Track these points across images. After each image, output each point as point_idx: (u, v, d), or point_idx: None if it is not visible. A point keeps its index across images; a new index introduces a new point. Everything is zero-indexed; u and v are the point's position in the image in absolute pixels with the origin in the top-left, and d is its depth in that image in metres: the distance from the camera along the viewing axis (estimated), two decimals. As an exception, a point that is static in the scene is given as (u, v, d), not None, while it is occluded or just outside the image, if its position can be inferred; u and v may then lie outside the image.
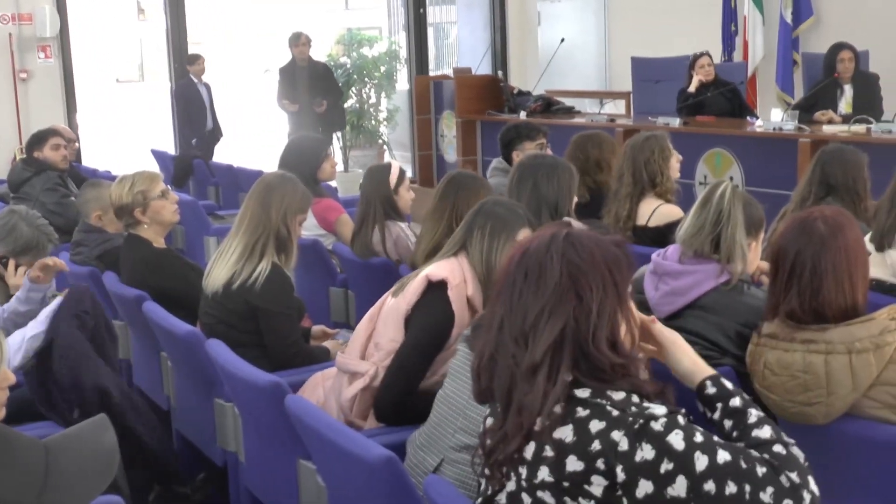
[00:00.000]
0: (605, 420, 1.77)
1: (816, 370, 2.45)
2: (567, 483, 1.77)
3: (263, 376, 2.82)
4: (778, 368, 2.53)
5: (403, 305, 2.97)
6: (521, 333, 1.85)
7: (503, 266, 1.95)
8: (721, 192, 3.08)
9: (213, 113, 9.95)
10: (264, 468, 3.12)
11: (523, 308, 1.85)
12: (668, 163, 4.61)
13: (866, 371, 2.41)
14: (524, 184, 3.80)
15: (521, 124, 5.70)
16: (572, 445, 1.77)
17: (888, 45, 8.54)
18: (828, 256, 2.49)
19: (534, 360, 1.82)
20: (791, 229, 2.58)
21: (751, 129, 7.49)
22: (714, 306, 3.02)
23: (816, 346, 2.47)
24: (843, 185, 4.22)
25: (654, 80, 9.39)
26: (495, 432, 1.87)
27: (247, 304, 3.47)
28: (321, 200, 5.04)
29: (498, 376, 1.87)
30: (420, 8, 11.73)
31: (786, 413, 2.54)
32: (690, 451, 1.73)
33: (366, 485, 2.29)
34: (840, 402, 2.44)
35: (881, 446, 2.44)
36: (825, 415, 2.46)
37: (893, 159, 6.00)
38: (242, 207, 3.64)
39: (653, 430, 1.74)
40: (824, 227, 2.52)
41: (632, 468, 1.73)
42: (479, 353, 1.93)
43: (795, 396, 2.49)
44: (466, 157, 9.98)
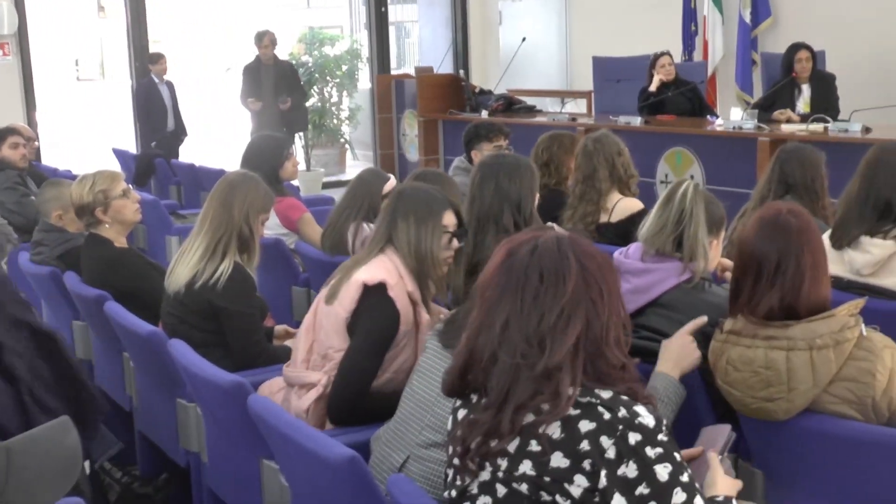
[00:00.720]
0: (595, 422, 1.79)
1: (778, 366, 2.47)
2: (548, 478, 1.79)
3: (226, 376, 2.81)
4: (740, 365, 2.55)
5: (342, 313, 2.98)
6: (536, 335, 1.85)
7: (494, 265, 1.94)
8: (683, 191, 3.11)
9: (175, 113, 9.87)
10: (227, 468, 3.11)
11: (540, 310, 1.86)
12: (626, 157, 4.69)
13: (826, 367, 2.43)
14: (487, 184, 3.81)
15: (482, 124, 5.72)
16: (560, 442, 1.79)
17: (844, 46, 8.66)
18: (808, 252, 2.52)
19: (555, 361, 1.83)
20: (763, 228, 2.57)
21: (711, 128, 7.56)
22: (676, 304, 3.04)
23: (778, 343, 2.49)
24: (801, 183, 4.27)
25: (615, 79, 9.45)
26: (478, 426, 1.87)
27: (209, 303, 3.46)
28: (283, 199, 5.03)
29: (497, 375, 1.87)
30: (381, 7, 11.72)
31: (747, 409, 2.57)
32: (671, 486, 1.78)
33: (329, 484, 2.29)
34: (800, 398, 2.46)
35: (838, 441, 2.47)
36: (785, 410, 2.49)
37: (850, 158, 6.08)
38: (204, 207, 3.63)
39: (643, 454, 1.78)
40: (797, 222, 2.54)
41: (613, 479, 1.76)
42: (471, 350, 1.92)
43: (757, 392, 2.51)
44: (428, 156, 9.99)
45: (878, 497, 2.46)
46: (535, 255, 1.89)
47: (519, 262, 1.90)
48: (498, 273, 1.92)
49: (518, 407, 1.83)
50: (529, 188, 3.77)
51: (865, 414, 2.45)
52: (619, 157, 4.67)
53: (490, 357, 1.88)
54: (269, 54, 9.82)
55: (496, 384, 1.86)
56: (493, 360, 1.87)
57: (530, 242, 1.92)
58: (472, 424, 1.89)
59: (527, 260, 1.89)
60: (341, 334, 2.99)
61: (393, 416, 2.68)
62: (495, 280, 1.92)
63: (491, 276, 1.93)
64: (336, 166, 12.73)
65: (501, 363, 1.86)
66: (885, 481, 2.43)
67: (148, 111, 9.78)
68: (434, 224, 3.03)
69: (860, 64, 8.72)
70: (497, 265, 1.93)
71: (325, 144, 12.33)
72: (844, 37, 8.81)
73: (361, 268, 3.01)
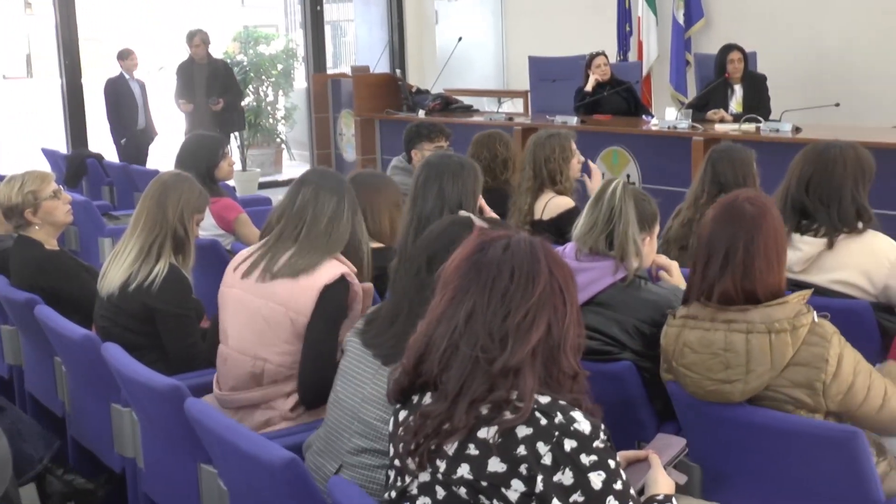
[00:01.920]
0: (532, 427, 1.79)
1: (737, 348, 2.52)
2: (485, 483, 1.79)
3: (162, 380, 2.77)
4: (699, 347, 2.59)
5: (300, 318, 2.99)
6: (499, 331, 1.85)
7: (462, 257, 1.93)
8: (612, 190, 3.13)
9: (146, 111, 9.70)
10: (164, 474, 3.07)
11: (507, 307, 1.85)
12: (568, 163, 4.69)
13: (784, 350, 2.48)
14: (430, 185, 3.82)
15: (423, 124, 5.72)
16: (497, 447, 1.79)
17: (775, 47, 8.82)
18: (760, 237, 2.55)
19: (514, 361, 1.83)
20: (719, 215, 2.62)
21: (646, 127, 7.65)
22: (612, 303, 3.07)
23: (738, 326, 2.53)
24: (733, 182, 4.34)
25: (551, 79, 9.51)
26: (432, 417, 1.85)
27: (144, 305, 3.41)
28: (219, 200, 4.98)
29: (455, 366, 1.86)
30: (317, 5, 11.66)
31: (702, 390, 2.60)
32: (605, 494, 1.79)
33: (268, 487, 2.27)
34: (757, 381, 2.51)
35: (773, 433, 2.51)
36: (742, 392, 2.53)
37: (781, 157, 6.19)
38: (138, 207, 3.58)
39: (578, 461, 1.78)
40: (752, 208, 2.58)
41: (549, 485, 1.77)
42: (429, 338, 1.90)
43: (715, 374, 2.55)
44: (365, 155, 9.97)
45: (811, 489, 2.51)
46: (507, 252, 1.89)
47: (490, 256, 1.89)
48: (466, 265, 1.91)
49: (473, 401, 1.82)
50: (472, 190, 3.79)
51: (815, 399, 2.50)
52: (561, 159, 4.69)
53: (449, 347, 1.86)
54: (200, 53, 9.68)
55: (453, 375, 1.85)
56: (453, 350, 1.86)
57: (503, 239, 1.92)
58: (424, 415, 1.87)
59: (499, 256, 1.89)
60: (293, 337, 3.02)
61: (323, 423, 2.66)
62: (463, 271, 1.90)
63: (458, 266, 1.92)
64: (272, 166, 12.64)
65: (461, 354, 1.85)
66: (817, 473, 2.48)
67: (118, 109, 9.57)
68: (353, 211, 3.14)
69: (790, 65, 8.88)
70: (465, 257, 1.92)
71: (260, 144, 12.24)
72: (775, 38, 8.98)
73: (313, 273, 3.01)
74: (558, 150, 4.64)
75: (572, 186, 4.74)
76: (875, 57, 8.52)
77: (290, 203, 3.14)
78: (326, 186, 3.13)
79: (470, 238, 1.96)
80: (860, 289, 3.47)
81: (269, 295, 3.04)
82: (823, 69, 8.88)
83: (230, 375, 3.14)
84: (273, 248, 3.10)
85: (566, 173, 4.66)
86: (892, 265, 3.42)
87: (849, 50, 8.71)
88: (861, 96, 8.38)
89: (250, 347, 3.08)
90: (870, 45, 8.58)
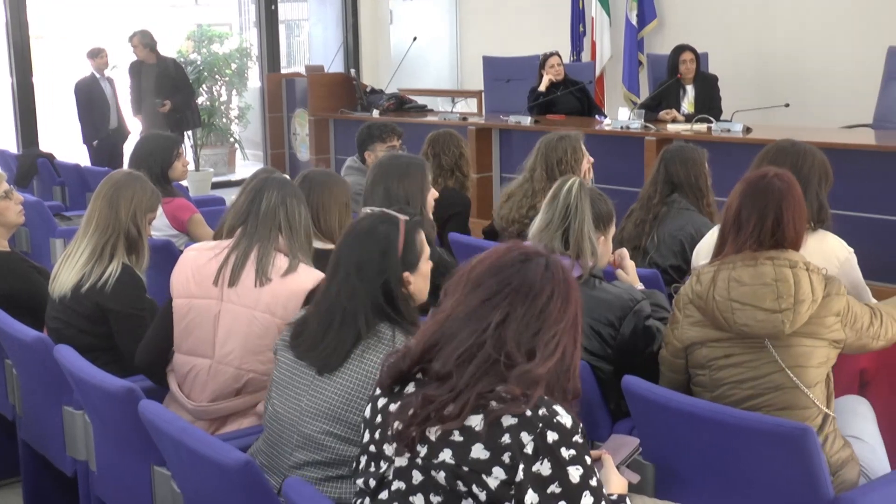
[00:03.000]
0: (517, 417, 1.82)
1: (787, 279, 2.70)
2: (467, 468, 1.81)
3: (116, 381, 2.75)
4: (749, 279, 2.74)
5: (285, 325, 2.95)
6: (527, 343, 1.89)
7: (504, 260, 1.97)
8: (568, 188, 3.15)
9: (118, 110, 9.54)
10: (117, 476, 3.05)
11: (539, 324, 1.91)
12: (580, 164, 4.66)
13: (819, 285, 2.72)
14: (377, 186, 3.84)
15: (375, 125, 5.71)
16: (481, 434, 1.82)
17: (726, 48, 8.92)
18: (788, 208, 2.81)
19: (537, 373, 1.87)
20: (749, 189, 2.86)
21: (599, 127, 7.69)
22: None
23: (780, 262, 2.74)
24: (686, 182, 4.39)
25: (505, 79, 9.53)
26: (436, 401, 1.86)
27: (97, 306, 3.38)
28: (173, 200, 4.95)
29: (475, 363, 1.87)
30: (271, 4, 11.60)
31: (754, 321, 2.73)
32: (582, 488, 1.83)
33: (223, 489, 2.26)
34: (804, 313, 2.69)
35: (724, 429, 2.54)
36: (791, 323, 2.68)
37: (733, 156, 6.28)
38: (90, 208, 3.55)
39: (558, 454, 1.82)
40: (780, 183, 2.84)
41: (528, 474, 1.80)
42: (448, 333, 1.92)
43: (765, 303, 2.71)
44: (319, 155, 9.94)
45: (762, 485, 2.55)
46: (549, 272, 1.96)
47: (534, 272, 1.94)
48: (508, 272, 1.94)
49: (480, 394, 1.85)
50: (419, 189, 3.80)
51: (841, 326, 2.76)
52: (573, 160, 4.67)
53: (474, 346, 1.88)
54: (142, 55, 9.47)
55: (469, 370, 1.87)
56: (477, 348, 1.88)
57: (542, 257, 1.98)
58: (428, 399, 1.87)
59: (542, 273, 1.94)
60: None
61: (262, 436, 2.63)
62: (502, 277, 1.93)
63: (495, 271, 1.95)
64: (226, 166, 12.56)
65: (484, 354, 1.87)
66: (769, 469, 2.51)
67: (90, 109, 9.39)
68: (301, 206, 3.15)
69: (741, 66, 8.99)
70: (506, 265, 1.95)
71: (214, 144, 12.15)
72: (726, 40, 9.08)
73: (294, 275, 2.99)
74: (570, 151, 4.63)
75: None
76: (823, 58, 8.65)
77: (253, 206, 3.10)
78: (292, 191, 3.13)
79: (505, 246, 2.01)
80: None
81: (253, 303, 3.00)
82: (773, 70, 9.00)
83: (208, 388, 3.09)
84: (243, 254, 3.05)
85: (578, 174, 4.64)
86: (842, 264, 3.47)
87: (797, 51, 8.83)
88: (810, 97, 8.50)
89: (234, 358, 3.04)
90: (817, 47, 8.70)
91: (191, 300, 3.10)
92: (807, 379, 2.71)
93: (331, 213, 3.71)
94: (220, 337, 3.06)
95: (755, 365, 2.76)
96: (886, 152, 6.17)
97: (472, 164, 6.41)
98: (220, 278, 3.05)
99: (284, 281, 2.99)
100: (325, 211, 3.75)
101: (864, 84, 7.95)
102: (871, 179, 6.02)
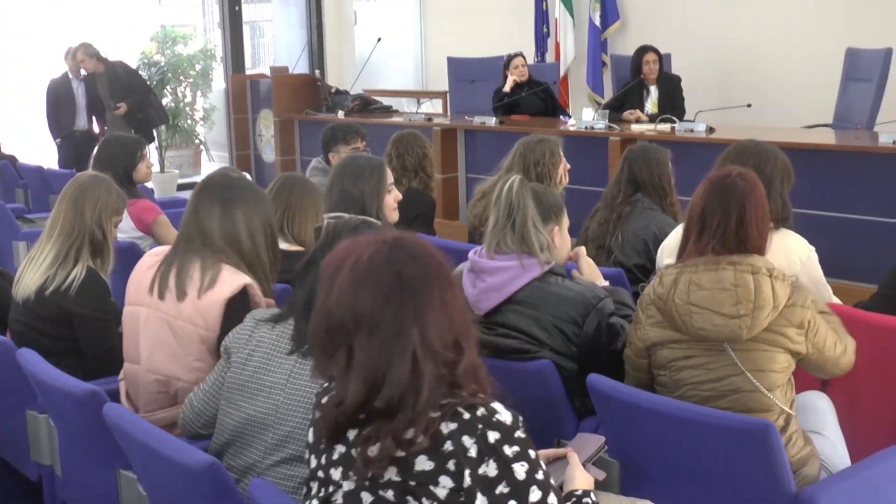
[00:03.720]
0: (456, 422, 1.80)
1: (747, 285, 2.70)
2: (413, 483, 1.79)
3: (80, 385, 2.73)
4: (709, 283, 2.74)
5: (210, 335, 2.93)
6: (451, 337, 1.83)
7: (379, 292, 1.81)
8: (509, 186, 3.16)
9: (89, 112, 9.40)
10: (82, 480, 3.03)
11: (448, 313, 1.83)
12: (557, 167, 4.66)
13: (783, 293, 2.71)
14: (334, 188, 3.86)
15: (338, 126, 5.71)
16: (425, 446, 1.78)
17: (688, 49, 9.00)
18: (750, 208, 2.81)
19: (472, 358, 1.85)
20: (712, 189, 2.85)
21: (564, 127, 7.73)
22: (529, 300, 3.09)
23: (743, 267, 2.73)
24: (649, 181, 4.43)
25: (469, 79, 9.56)
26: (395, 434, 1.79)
27: (61, 309, 3.36)
28: (137, 202, 4.93)
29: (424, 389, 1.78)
30: (235, 5, 11.54)
31: (711, 325, 2.73)
32: (528, 484, 1.81)
33: (189, 491, 2.26)
34: (763, 319, 2.69)
35: (689, 426, 2.57)
36: (749, 328, 2.69)
37: (696, 156, 6.34)
38: (54, 210, 3.53)
39: (502, 452, 1.80)
40: (743, 183, 2.83)
41: (476, 478, 1.78)
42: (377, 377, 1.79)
43: (723, 308, 2.71)
44: (285, 156, 9.92)
45: (726, 481, 2.58)
46: (419, 259, 1.84)
47: (410, 272, 1.82)
48: (389, 292, 1.81)
49: (444, 406, 1.81)
50: (375, 190, 3.81)
51: (801, 339, 2.75)
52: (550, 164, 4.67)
53: (414, 375, 1.78)
54: (89, 67, 9.33)
55: (426, 395, 1.78)
56: (417, 376, 1.78)
57: (401, 249, 1.85)
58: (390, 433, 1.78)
59: (413, 267, 1.83)
60: (207, 353, 2.95)
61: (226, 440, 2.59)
62: (392, 300, 1.80)
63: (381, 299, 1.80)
64: (191, 168, 12.48)
65: (428, 375, 1.79)
66: (732, 466, 2.54)
67: (56, 110, 9.18)
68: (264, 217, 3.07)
69: (704, 67, 9.07)
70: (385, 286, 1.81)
71: (179, 145, 12.07)
72: (689, 41, 9.16)
73: (214, 285, 2.95)
74: (548, 154, 4.64)
75: (559, 191, 4.74)
76: (783, 59, 8.75)
77: (190, 212, 3.08)
78: (225, 195, 3.06)
79: (352, 266, 1.83)
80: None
81: (177, 312, 2.97)
82: (735, 71, 9.09)
83: (142, 396, 3.08)
84: (176, 260, 3.03)
85: (554, 178, 4.66)
86: (803, 263, 3.52)
87: (759, 52, 8.93)
88: (771, 98, 8.60)
89: (162, 367, 3.02)
90: (779, 48, 8.80)
91: (131, 307, 3.11)
92: (767, 382, 2.73)
93: (307, 217, 3.77)
94: (149, 344, 3.04)
95: (714, 367, 2.77)
96: (845, 152, 6.25)
97: (438, 165, 6.44)
98: (153, 286, 3.03)
99: (205, 290, 2.95)
100: (301, 213, 3.80)
101: (824, 85, 8.05)
102: (831, 179, 6.10)
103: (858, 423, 3.15)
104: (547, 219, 3.17)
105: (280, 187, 3.86)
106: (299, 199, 3.78)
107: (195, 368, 2.96)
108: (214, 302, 2.92)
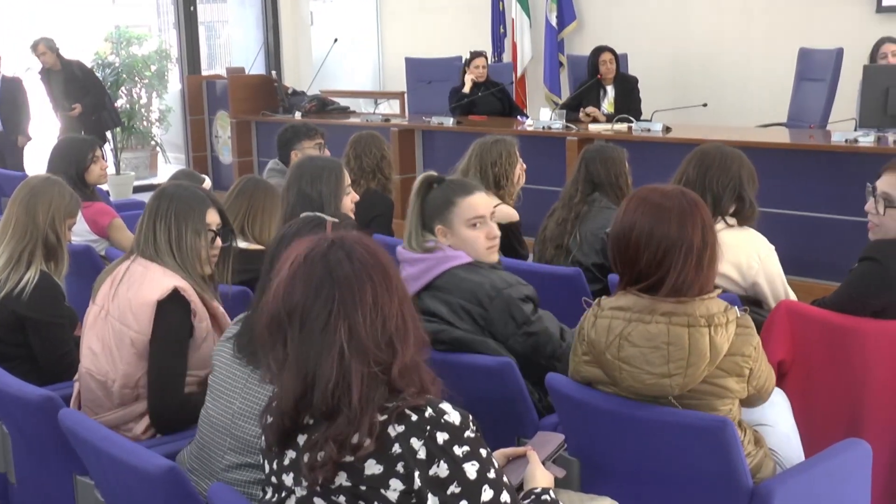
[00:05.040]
0: (403, 424, 1.80)
1: (681, 342, 2.47)
2: (364, 487, 1.79)
3: (34, 390, 2.71)
4: (639, 340, 2.51)
5: (140, 338, 2.91)
6: (384, 337, 1.83)
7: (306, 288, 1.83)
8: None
9: (13, 114, 9.25)
10: (38, 487, 2.99)
11: (382, 313, 1.83)
12: (513, 168, 4.67)
13: (722, 344, 2.49)
14: (291, 188, 3.86)
15: (299, 124, 5.69)
16: (371, 449, 1.78)
17: (644, 50, 9.07)
18: (695, 235, 2.52)
19: (409, 357, 1.85)
20: (648, 210, 2.54)
21: (521, 127, 7.75)
22: (446, 286, 3.14)
23: (679, 319, 2.49)
24: (606, 181, 4.46)
25: (427, 80, 9.56)
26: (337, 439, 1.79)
27: (14, 314, 3.32)
28: (92, 204, 4.88)
29: (353, 390, 1.79)
30: (190, 6, 11.46)
31: (640, 384, 2.53)
32: (480, 483, 1.81)
33: (148, 496, 2.24)
34: (697, 375, 2.49)
35: (648, 424, 2.59)
36: (682, 386, 2.50)
37: (653, 155, 6.40)
38: (6, 213, 3.49)
39: (452, 453, 1.80)
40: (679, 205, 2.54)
41: (426, 479, 1.78)
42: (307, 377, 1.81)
43: (655, 368, 2.50)
44: (242, 157, 9.87)
45: (684, 477, 2.60)
46: (353, 259, 1.85)
47: (341, 271, 1.83)
48: (318, 287, 1.83)
49: (381, 408, 1.81)
50: (333, 191, 3.82)
51: (741, 385, 2.56)
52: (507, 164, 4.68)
53: (339, 376, 1.79)
54: (49, 61, 9.25)
55: (354, 396, 1.79)
56: (344, 375, 1.79)
57: (333, 247, 1.87)
58: (332, 439, 1.79)
59: (348, 266, 1.84)
60: (137, 357, 2.92)
61: (193, 441, 2.60)
62: (320, 296, 1.82)
63: (309, 294, 1.83)
64: (147, 169, 12.38)
65: (356, 374, 1.79)
66: (690, 462, 2.57)
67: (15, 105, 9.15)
68: (197, 223, 3.00)
69: (660, 67, 9.15)
70: (312, 283, 1.84)
71: (135, 147, 11.96)
72: (645, 41, 9.23)
73: (143, 287, 2.92)
74: (505, 155, 4.65)
75: (515, 192, 4.75)
76: (738, 60, 8.85)
77: (145, 215, 3.06)
78: (177, 196, 3.04)
79: (291, 262, 1.87)
80: (731, 280, 3.57)
81: (115, 313, 2.96)
82: (691, 71, 9.18)
83: (87, 397, 3.04)
84: (126, 261, 3.03)
85: (511, 178, 4.66)
86: (762, 263, 3.55)
87: (714, 53, 9.02)
88: (726, 97, 8.69)
89: (102, 367, 2.99)
90: (733, 49, 8.90)
91: (92, 305, 3.11)
92: None
93: (271, 218, 3.79)
94: (93, 343, 3.01)
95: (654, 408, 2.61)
96: (799, 150, 6.33)
97: (396, 166, 6.43)
98: (111, 285, 3.02)
99: (134, 293, 2.93)
100: (262, 214, 3.81)
101: (778, 84, 8.15)
102: (785, 177, 6.18)
103: (814, 419, 3.20)
104: (427, 226, 3.21)
105: (241, 189, 3.89)
106: (261, 202, 3.81)
107: (126, 373, 2.93)
108: (144, 304, 2.90)
